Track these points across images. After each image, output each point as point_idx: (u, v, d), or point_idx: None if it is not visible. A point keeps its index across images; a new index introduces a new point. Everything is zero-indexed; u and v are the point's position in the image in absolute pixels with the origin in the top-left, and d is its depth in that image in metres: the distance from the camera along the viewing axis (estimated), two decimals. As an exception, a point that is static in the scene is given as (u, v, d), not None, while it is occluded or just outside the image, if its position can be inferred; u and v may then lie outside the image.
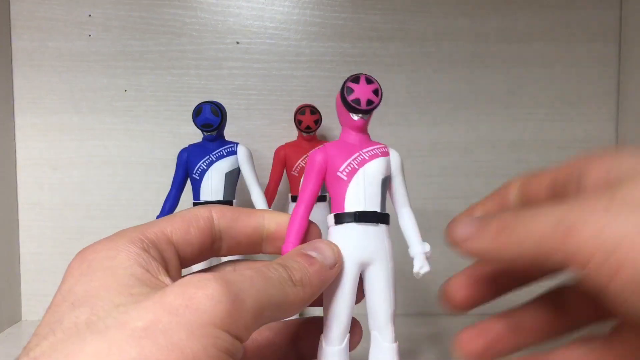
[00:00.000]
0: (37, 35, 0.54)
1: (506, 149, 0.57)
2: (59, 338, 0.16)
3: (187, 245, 0.23)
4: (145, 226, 0.22)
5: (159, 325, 0.16)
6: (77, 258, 0.20)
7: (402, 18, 0.55)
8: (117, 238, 0.21)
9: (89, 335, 0.16)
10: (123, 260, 0.19)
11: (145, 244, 0.21)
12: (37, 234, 0.54)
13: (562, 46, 0.56)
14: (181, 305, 0.16)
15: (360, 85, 0.28)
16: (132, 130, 0.55)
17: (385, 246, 0.27)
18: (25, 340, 0.17)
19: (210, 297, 0.17)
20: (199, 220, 0.24)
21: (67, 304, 0.18)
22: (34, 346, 0.16)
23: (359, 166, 0.27)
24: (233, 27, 0.55)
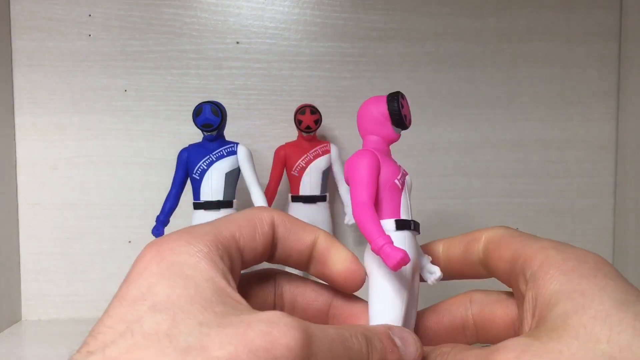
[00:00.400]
0: (37, 35, 0.54)
1: (506, 149, 0.57)
2: (138, 342, 0.16)
3: (252, 251, 0.23)
4: (216, 228, 0.22)
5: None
6: (154, 254, 0.19)
7: (402, 18, 0.55)
8: (193, 240, 0.20)
9: (170, 350, 0.16)
10: (204, 271, 0.19)
11: (221, 250, 0.20)
12: (37, 234, 0.54)
13: (562, 46, 0.56)
14: (262, 347, 0.16)
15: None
16: (132, 130, 0.55)
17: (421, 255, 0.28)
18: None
19: (290, 350, 0.17)
20: (264, 225, 0.23)
21: (147, 304, 0.17)
22: (110, 342, 0.16)
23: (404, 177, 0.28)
24: (233, 27, 0.55)
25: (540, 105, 0.57)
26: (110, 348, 0.16)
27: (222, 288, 0.19)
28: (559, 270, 0.20)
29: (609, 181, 0.57)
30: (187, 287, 0.18)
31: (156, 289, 0.18)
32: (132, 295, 0.18)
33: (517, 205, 0.57)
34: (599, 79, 0.56)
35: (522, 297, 0.21)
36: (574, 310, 0.18)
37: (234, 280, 0.20)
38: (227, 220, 0.23)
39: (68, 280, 0.54)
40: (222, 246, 0.21)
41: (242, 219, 0.23)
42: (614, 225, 0.57)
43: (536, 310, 0.20)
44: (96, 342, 0.16)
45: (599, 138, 0.57)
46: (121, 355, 0.16)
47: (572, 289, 0.19)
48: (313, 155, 0.50)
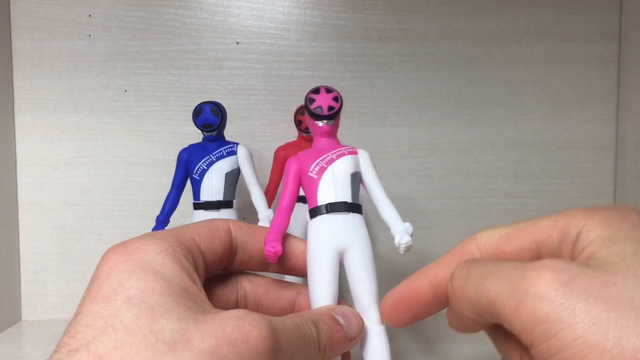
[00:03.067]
0: (37, 35, 0.54)
1: (506, 149, 0.57)
2: (122, 337, 0.16)
3: (212, 254, 0.24)
4: (178, 231, 0.23)
5: (221, 352, 0.17)
6: (119, 253, 0.20)
7: (402, 18, 0.55)
8: (158, 240, 0.21)
9: (159, 346, 0.16)
10: (172, 268, 0.20)
11: (184, 251, 0.21)
12: (37, 234, 0.54)
13: (562, 46, 0.56)
14: (239, 339, 0.18)
15: (320, 95, 0.31)
16: (132, 130, 0.55)
17: (360, 233, 0.29)
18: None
19: (263, 339, 0.18)
20: (220, 231, 0.25)
21: (121, 298, 0.18)
22: (93, 339, 0.16)
23: (327, 165, 0.30)
24: (233, 27, 0.55)
25: (540, 105, 0.57)
26: (95, 345, 0.16)
27: (189, 285, 0.20)
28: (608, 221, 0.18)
29: (609, 181, 0.57)
30: (159, 282, 0.19)
31: (128, 284, 0.18)
32: (104, 293, 0.18)
33: (517, 205, 0.57)
34: (599, 79, 0.56)
35: None
36: (634, 253, 0.16)
37: (199, 280, 0.21)
38: (185, 226, 0.24)
39: (68, 280, 0.54)
40: (184, 247, 0.22)
41: (200, 226, 0.24)
42: (614, 225, 0.57)
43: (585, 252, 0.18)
44: (77, 341, 0.16)
45: (599, 138, 0.57)
46: (109, 351, 0.16)
47: (628, 234, 0.17)
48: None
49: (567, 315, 0.15)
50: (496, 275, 0.18)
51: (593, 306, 0.15)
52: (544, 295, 0.16)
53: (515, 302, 0.16)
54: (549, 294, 0.16)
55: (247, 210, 0.50)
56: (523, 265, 0.17)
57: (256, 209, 0.45)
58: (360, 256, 0.28)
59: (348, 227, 0.29)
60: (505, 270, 0.18)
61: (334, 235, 0.28)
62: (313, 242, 0.29)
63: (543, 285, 0.16)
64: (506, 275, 0.17)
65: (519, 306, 0.16)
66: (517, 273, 0.17)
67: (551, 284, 0.16)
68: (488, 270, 0.18)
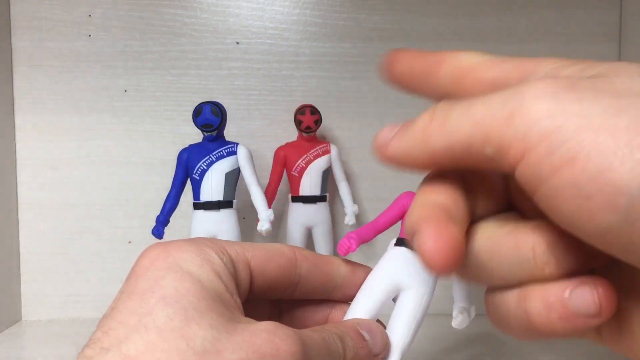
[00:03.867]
0: (37, 35, 0.54)
1: (506, 149, 0.57)
2: (154, 340, 0.16)
3: (263, 276, 0.23)
4: (227, 242, 0.22)
5: None
6: (160, 250, 0.20)
7: (402, 18, 0.55)
8: (200, 243, 0.21)
9: (190, 354, 0.16)
10: (208, 272, 0.19)
11: (226, 258, 0.21)
12: (37, 234, 0.54)
13: (562, 46, 0.56)
14: (268, 353, 0.18)
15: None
16: (132, 130, 0.55)
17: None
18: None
19: (292, 354, 0.18)
20: (282, 257, 0.24)
21: (156, 296, 0.18)
22: (125, 338, 0.16)
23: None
24: (233, 27, 0.55)
25: (540, 106, 0.57)
26: (127, 345, 0.16)
27: (223, 292, 0.19)
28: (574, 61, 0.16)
29: (609, 181, 0.57)
30: (194, 283, 0.18)
31: (164, 282, 0.18)
32: (141, 289, 0.18)
33: (517, 205, 0.57)
34: (599, 79, 0.56)
35: None
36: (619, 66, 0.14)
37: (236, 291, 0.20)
38: (245, 242, 0.23)
39: (68, 280, 0.54)
40: (229, 257, 0.21)
41: (259, 246, 0.23)
42: (614, 225, 0.57)
43: None
44: (109, 338, 0.16)
45: (599, 138, 0.57)
46: (140, 354, 0.16)
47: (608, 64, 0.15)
48: (313, 156, 0.50)
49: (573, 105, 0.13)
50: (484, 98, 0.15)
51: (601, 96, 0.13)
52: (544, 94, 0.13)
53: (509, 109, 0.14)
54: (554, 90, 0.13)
55: (247, 210, 0.50)
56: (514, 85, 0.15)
57: (256, 209, 0.45)
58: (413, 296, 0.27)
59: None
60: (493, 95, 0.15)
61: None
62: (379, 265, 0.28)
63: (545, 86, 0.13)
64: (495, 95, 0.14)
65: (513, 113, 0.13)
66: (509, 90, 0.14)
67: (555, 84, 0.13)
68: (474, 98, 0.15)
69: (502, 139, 0.14)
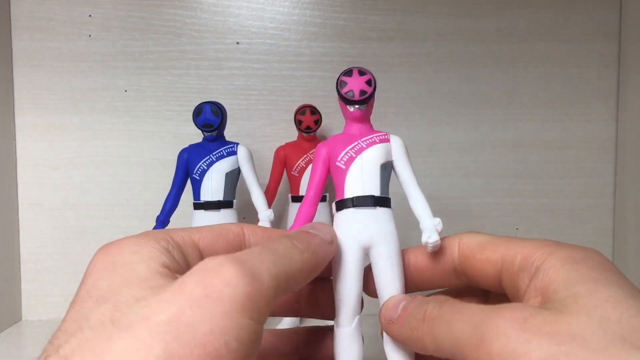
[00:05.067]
0: (37, 35, 0.54)
1: (506, 149, 0.57)
2: (87, 336, 0.16)
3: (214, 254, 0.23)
4: (173, 229, 0.22)
5: (183, 319, 0.16)
6: (101, 253, 0.20)
7: (402, 18, 0.55)
8: (143, 235, 0.21)
9: (115, 333, 0.16)
10: (144, 255, 0.19)
11: (171, 244, 0.21)
12: (37, 234, 0.54)
13: (562, 46, 0.56)
14: (202, 295, 0.16)
15: (352, 78, 0.29)
16: (132, 130, 0.55)
17: (386, 228, 0.28)
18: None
19: (229, 284, 0.17)
20: (229, 234, 0.24)
21: (92, 300, 0.18)
22: (63, 343, 0.16)
23: (356, 154, 0.28)
24: (233, 27, 0.55)
25: (540, 106, 0.57)
26: (63, 347, 0.16)
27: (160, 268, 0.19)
28: (567, 262, 0.20)
29: (609, 181, 0.57)
30: (126, 273, 0.18)
31: (99, 283, 0.18)
32: (80, 296, 0.18)
33: (517, 205, 0.57)
34: (599, 79, 0.56)
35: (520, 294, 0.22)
36: (587, 293, 0.18)
37: None
38: (190, 227, 0.24)
39: (68, 280, 0.54)
40: (173, 241, 0.21)
41: (205, 228, 0.24)
42: (614, 225, 0.57)
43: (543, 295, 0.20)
44: (52, 347, 0.17)
45: (599, 138, 0.57)
46: (74, 351, 0.16)
47: (583, 276, 0.19)
48: (313, 156, 0.50)
49: (522, 348, 0.16)
50: (461, 314, 0.19)
51: (546, 340, 0.16)
52: (502, 331, 0.17)
53: (476, 339, 0.18)
54: (507, 330, 0.17)
55: (247, 210, 0.50)
56: (485, 307, 0.19)
57: (256, 209, 0.45)
58: (386, 253, 0.27)
59: (374, 222, 0.27)
60: (469, 311, 0.19)
61: (359, 230, 0.27)
62: (338, 237, 0.28)
63: (502, 323, 0.17)
64: (470, 315, 0.19)
65: (479, 343, 0.18)
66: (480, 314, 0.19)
67: (509, 322, 0.17)
68: (456, 310, 0.20)
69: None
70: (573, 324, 0.17)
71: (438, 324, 0.20)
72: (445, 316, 0.20)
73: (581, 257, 0.20)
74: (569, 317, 0.17)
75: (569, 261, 0.20)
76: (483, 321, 0.18)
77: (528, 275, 0.21)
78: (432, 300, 0.22)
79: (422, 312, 0.22)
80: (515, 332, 0.17)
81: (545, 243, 0.22)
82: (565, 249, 0.21)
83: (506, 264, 0.22)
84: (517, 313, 0.18)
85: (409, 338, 0.22)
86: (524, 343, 0.17)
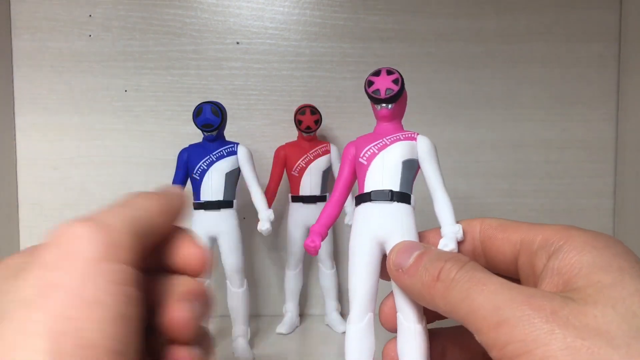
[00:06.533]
0: (37, 35, 0.54)
1: (506, 149, 0.57)
2: None
3: None
4: None
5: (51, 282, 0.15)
6: None
7: (402, 18, 0.55)
8: None
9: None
10: None
11: None
12: (37, 234, 0.54)
13: (562, 46, 0.56)
14: (60, 258, 0.16)
15: (380, 77, 0.29)
16: (132, 130, 0.55)
17: (403, 223, 0.27)
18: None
19: (79, 237, 0.16)
20: None
21: None
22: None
23: (378, 151, 0.28)
24: (233, 27, 0.55)
25: (540, 106, 0.57)
26: None
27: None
28: (590, 245, 0.19)
29: (609, 181, 0.57)
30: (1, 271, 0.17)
31: None
32: None
33: (517, 205, 0.57)
34: (599, 79, 0.56)
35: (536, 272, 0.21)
36: (612, 283, 0.18)
37: None
38: None
39: (68, 280, 0.54)
40: None
41: None
42: (614, 225, 0.57)
43: (562, 276, 0.19)
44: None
45: (599, 138, 0.57)
46: None
47: (609, 264, 0.18)
48: (313, 156, 0.50)
49: (545, 337, 0.16)
50: (482, 287, 0.19)
51: (570, 332, 0.16)
52: (529, 319, 0.17)
53: (497, 318, 0.18)
54: (533, 318, 0.17)
55: (247, 210, 0.50)
56: (510, 286, 0.19)
57: (256, 209, 0.45)
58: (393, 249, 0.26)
59: (390, 216, 0.27)
60: (491, 285, 0.19)
61: (375, 224, 0.27)
62: (354, 230, 0.27)
63: (529, 311, 0.17)
64: (492, 291, 0.18)
65: (500, 324, 0.17)
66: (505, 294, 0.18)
67: (536, 311, 0.17)
68: (476, 279, 0.19)
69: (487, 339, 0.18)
70: (599, 318, 0.17)
71: (454, 289, 0.20)
72: (464, 283, 0.20)
73: (605, 243, 0.19)
74: (594, 310, 0.17)
75: (591, 245, 0.19)
76: (507, 304, 0.18)
77: (546, 254, 0.20)
78: (451, 258, 0.21)
79: (436, 269, 0.21)
80: (541, 322, 0.17)
81: (567, 227, 0.21)
82: (589, 233, 0.20)
83: (525, 244, 0.22)
84: (546, 303, 0.17)
85: (418, 293, 0.22)
86: (548, 332, 0.16)
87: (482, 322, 0.18)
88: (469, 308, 0.19)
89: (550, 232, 0.21)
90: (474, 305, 0.19)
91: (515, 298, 0.18)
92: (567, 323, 0.17)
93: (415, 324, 0.26)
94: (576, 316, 0.17)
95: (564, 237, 0.20)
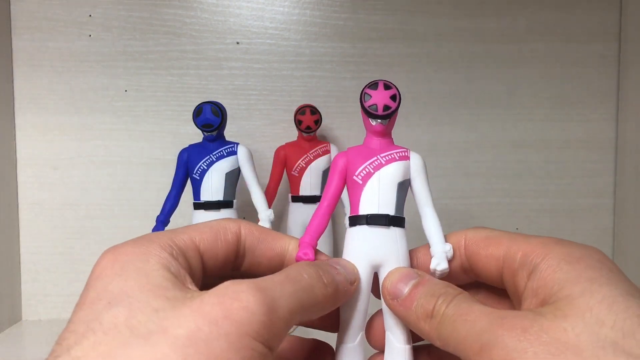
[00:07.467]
0: (37, 35, 0.54)
1: (506, 149, 0.57)
2: (100, 338, 0.16)
3: (213, 256, 0.23)
4: (174, 233, 0.23)
5: (201, 335, 0.16)
6: (108, 258, 0.20)
7: (402, 18, 0.55)
8: (147, 242, 0.21)
9: (133, 340, 0.16)
10: (154, 262, 0.20)
11: (175, 251, 0.21)
12: (37, 234, 0.54)
13: (562, 46, 0.56)
14: (220, 316, 0.17)
15: (377, 92, 0.28)
16: (132, 130, 0.55)
17: (398, 248, 0.27)
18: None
19: (246, 309, 0.17)
20: (227, 233, 0.24)
21: (103, 302, 0.18)
22: (74, 344, 0.16)
23: (374, 170, 0.28)
24: (233, 27, 0.55)
25: (540, 106, 0.57)
26: (74, 349, 0.16)
27: (173, 277, 0.19)
28: (564, 261, 0.20)
29: (609, 181, 0.57)
30: (138, 278, 0.18)
31: (110, 287, 0.18)
32: (90, 298, 0.18)
33: (517, 205, 0.57)
34: (599, 79, 0.56)
35: (519, 291, 0.22)
36: (581, 294, 0.18)
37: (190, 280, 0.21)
38: (189, 226, 0.24)
39: (68, 280, 0.54)
40: (177, 247, 0.21)
41: (206, 226, 0.24)
42: (614, 225, 0.57)
43: (539, 296, 0.20)
44: (61, 348, 0.17)
45: (599, 138, 0.57)
46: (86, 353, 0.16)
47: (579, 276, 0.19)
48: (313, 156, 0.50)
49: (517, 356, 0.17)
50: (465, 317, 0.20)
51: (541, 349, 0.17)
52: (501, 341, 0.18)
53: (479, 344, 0.18)
54: (506, 340, 0.18)
55: (247, 210, 0.50)
56: (490, 312, 0.20)
57: (256, 209, 0.45)
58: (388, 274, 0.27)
59: (387, 242, 0.27)
60: (472, 314, 0.20)
61: (371, 249, 0.27)
62: (348, 252, 0.28)
63: (502, 332, 0.18)
64: (473, 320, 0.20)
65: (481, 350, 0.18)
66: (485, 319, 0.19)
67: (508, 332, 0.18)
68: (460, 311, 0.21)
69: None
70: (568, 331, 0.17)
71: (444, 323, 0.21)
72: (451, 316, 0.21)
73: (579, 255, 0.20)
74: (564, 323, 0.17)
75: (566, 260, 0.20)
76: (486, 328, 0.19)
77: (527, 273, 0.21)
78: (443, 294, 0.22)
79: (430, 306, 0.22)
80: (513, 342, 0.17)
81: (546, 241, 0.22)
82: (565, 247, 0.21)
83: (508, 260, 0.23)
84: (517, 322, 0.18)
85: (414, 324, 0.23)
86: (520, 353, 0.17)
87: (469, 351, 0.19)
88: (456, 340, 0.20)
89: (529, 249, 0.22)
90: (460, 336, 0.20)
91: (493, 322, 0.19)
92: (539, 339, 0.17)
93: (405, 344, 0.26)
94: (546, 331, 0.17)
95: (541, 254, 0.21)
